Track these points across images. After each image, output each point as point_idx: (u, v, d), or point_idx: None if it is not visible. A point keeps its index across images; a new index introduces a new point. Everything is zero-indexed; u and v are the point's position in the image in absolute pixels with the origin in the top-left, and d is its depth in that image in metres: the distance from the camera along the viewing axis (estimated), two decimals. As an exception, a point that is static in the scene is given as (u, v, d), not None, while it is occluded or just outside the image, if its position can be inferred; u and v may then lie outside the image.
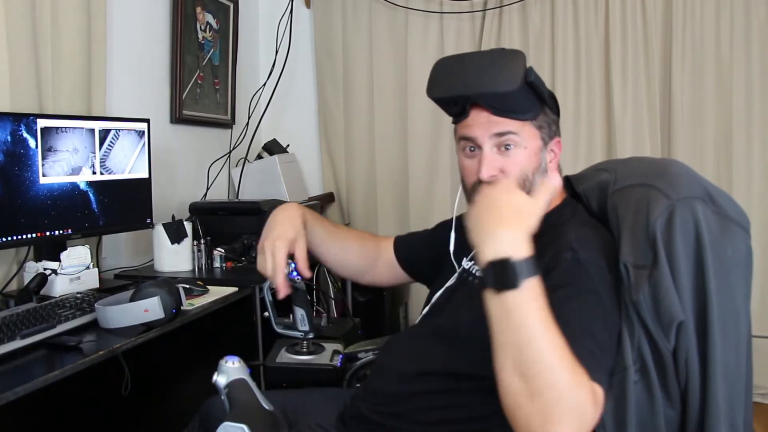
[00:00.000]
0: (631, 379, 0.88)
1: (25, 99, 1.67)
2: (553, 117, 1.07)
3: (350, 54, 2.91)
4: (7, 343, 1.17)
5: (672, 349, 0.87)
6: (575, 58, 2.65)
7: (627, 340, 0.89)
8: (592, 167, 1.18)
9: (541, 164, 1.05)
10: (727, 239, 0.88)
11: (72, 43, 1.82)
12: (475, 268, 1.14)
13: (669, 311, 0.86)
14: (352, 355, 1.44)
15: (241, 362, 1.00)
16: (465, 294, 1.11)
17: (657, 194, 0.91)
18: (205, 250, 2.03)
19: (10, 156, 1.52)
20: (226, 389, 0.97)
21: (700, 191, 0.91)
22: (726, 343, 0.86)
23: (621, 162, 1.15)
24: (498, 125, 1.02)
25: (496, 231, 0.79)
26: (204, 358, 1.82)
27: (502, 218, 0.80)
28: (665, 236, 0.87)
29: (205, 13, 2.55)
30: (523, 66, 0.98)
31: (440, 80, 1.07)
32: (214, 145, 2.67)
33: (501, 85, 0.99)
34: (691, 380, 0.87)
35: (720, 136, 2.56)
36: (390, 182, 2.89)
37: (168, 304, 1.33)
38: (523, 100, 1.01)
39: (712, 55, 2.54)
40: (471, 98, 1.04)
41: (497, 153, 1.04)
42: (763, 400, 2.58)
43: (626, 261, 0.91)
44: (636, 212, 0.93)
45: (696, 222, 0.87)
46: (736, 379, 0.88)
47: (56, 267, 1.57)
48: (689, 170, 0.98)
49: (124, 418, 1.73)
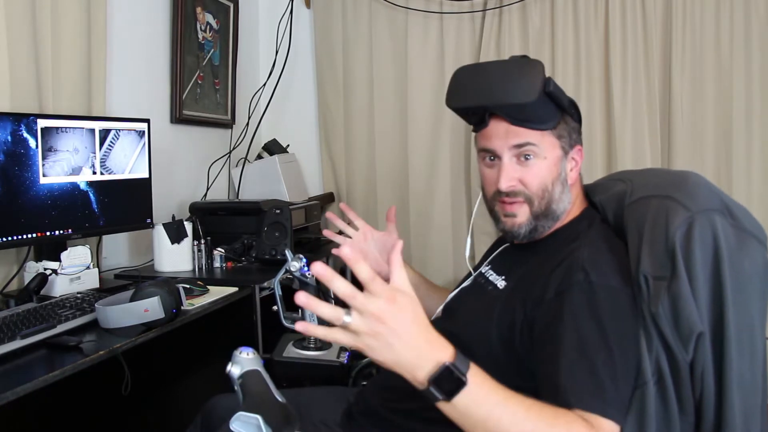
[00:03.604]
0: (650, 393, 0.88)
1: (25, 99, 1.67)
2: (573, 125, 1.08)
3: (350, 54, 2.91)
4: (7, 343, 1.17)
5: (690, 361, 0.87)
6: (575, 58, 2.65)
7: (645, 353, 0.89)
8: (607, 177, 1.18)
9: (561, 174, 1.05)
10: (744, 252, 0.88)
11: (72, 43, 1.82)
12: (489, 272, 1.14)
13: (688, 322, 0.86)
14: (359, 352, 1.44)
15: (255, 353, 1.00)
16: (475, 299, 1.11)
17: (676, 206, 0.91)
18: (205, 250, 2.03)
19: (11, 156, 1.52)
20: (240, 380, 0.96)
21: (718, 204, 0.91)
22: (741, 356, 0.86)
23: (637, 173, 1.14)
24: (517, 136, 1.02)
25: (414, 351, 0.74)
26: (204, 358, 1.83)
27: (409, 335, 0.73)
28: (684, 248, 0.87)
29: (205, 13, 2.55)
30: (542, 76, 0.99)
31: (459, 90, 1.08)
32: (214, 145, 2.67)
33: (519, 96, 0.99)
34: (706, 392, 0.87)
35: (720, 136, 2.56)
36: (390, 182, 2.89)
37: (168, 304, 1.34)
38: (542, 111, 1.01)
39: (712, 55, 2.54)
40: (489, 108, 1.04)
41: (516, 163, 1.04)
42: (763, 400, 2.58)
43: (645, 272, 0.90)
44: (654, 223, 0.93)
45: (715, 234, 0.87)
46: (751, 392, 0.87)
47: (56, 267, 1.57)
48: (707, 182, 0.98)
49: (124, 418, 1.73)
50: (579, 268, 0.94)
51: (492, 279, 1.11)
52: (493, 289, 1.08)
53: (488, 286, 1.11)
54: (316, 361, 1.56)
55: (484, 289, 1.11)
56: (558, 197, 1.05)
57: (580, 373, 0.86)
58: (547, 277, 0.97)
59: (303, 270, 1.15)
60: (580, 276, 0.93)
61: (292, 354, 1.59)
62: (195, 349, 1.84)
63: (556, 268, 0.97)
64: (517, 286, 1.03)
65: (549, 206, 1.05)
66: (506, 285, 1.06)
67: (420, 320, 0.75)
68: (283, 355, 1.59)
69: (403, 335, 0.72)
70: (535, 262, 1.04)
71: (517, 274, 1.06)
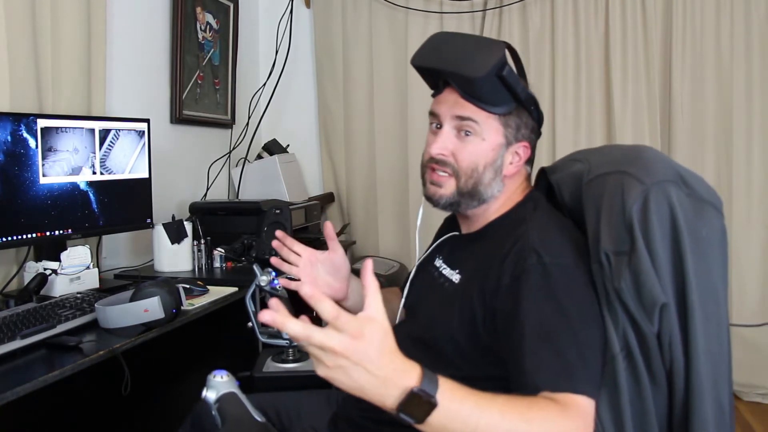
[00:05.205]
0: (620, 367, 0.89)
1: (25, 99, 1.67)
2: (527, 121, 1.06)
3: (350, 54, 2.91)
4: (7, 343, 1.17)
5: (656, 332, 0.88)
6: (575, 58, 2.65)
7: (611, 328, 0.90)
8: (565, 157, 1.17)
9: (496, 161, 1.05)
10: (701, 220, 0.89)
11: (72, 43, 1.82)
12: (442, 267, 1.14)
13: (651, 294, 0.86)
14: None
15: (229, 375, 1.00)
16: (433, 298, 1.10)
17: (630, 180, 0.92)
18: (205, 250, 2.03)
19: (10, 156, 1.52)
20: (216, 404, 0.96)
21: (672, 174, 0.92)
22: (707, 323, 0.87)
23: (594, 151, 1.14)
24: (462, 108, 1.04)
25: (379, 381, 0.72)
26: (204, 358, 1.83)
27: (373, 366, 0.71)
28: (641, 221, 0.88)
29: (205, 13, 2.55)
30: (498, 58, 0.98)
31: (423, 50, 1.11)
32: (214, 145, 2.67)
33: (469, 69, 1.00)
34: (675, 361, 0.88)
35: (720, 135, 2.57)
36: (390, 182, 2.89)
37: (168, 304, 1.33)
38: (491, 92, 1.01)
39: (712, 55, 2.54)
40: (442, 74, 1.06)
41: (455, 136, 1.05)
42: (763, 400, 2.58)
43: (606, 249, 0.91)
44: (611, 200, 0.93)
45: (670, 205, 0.88)
46: (719, 358, 0.89)
47: (56, 267, 1.57)
48: (661, 155, 0.99)
49: (124, 418, 1.73)
50: (531, 251, 0.94)
51: (446, 274, 1.11)
52: (449, 285, 1.08)
53: (443, 281, 1.10)
54: (297, 372, 1.58)
55: (441, 285, 1.10)
56: (487, 182, 1.05)
57: (544, 354, 0.86)
58: (500, 264, 0.97)
59: (273, 283, 1.15)
60: (533, 258, 0.93)
61: (271, 369, 1.60)
62: (195, 349, 1.84)
63: (507, 254, 0.97)
64: (471, 277, 1.03)
65: (476, 187, 1.05)
66: (461, 278, 1.06)
67: (386, 349, 0.73)
68: (263, 370, 1.60)
69: (367, 367, 0.71)
70: (486, 250, 1.04)
71: (469, 265, 1.06)
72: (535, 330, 0.88)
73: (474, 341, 0.97)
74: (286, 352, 1.60)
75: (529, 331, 0.89)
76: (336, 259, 1.20)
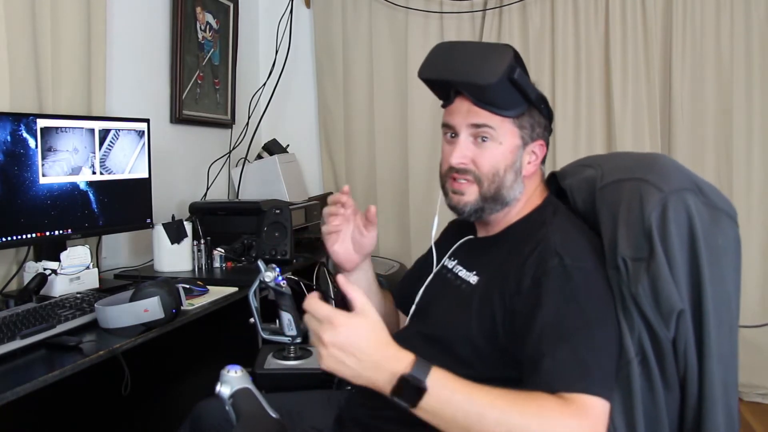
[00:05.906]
0: (635, 371, 0.90)
1: (25, 99, 1.67)
2: (539, 119, 1.07)
3: (350, 54, 2.91)
4: (7, 343, 1.17)
5: (672, 338, 0.89)
6: (575, 58, 2.65)
7: (627, 333, 0.91)
8: (575, 163, 1.18)
9: (515, 163, 1.06)
10: (717, 229, 0.91)
11: (72, 43, 1.82)
12: (457, 268, 1.14)
13: (668, 301, 0.88)
14: None
15: (243, 371, 0.99)
16: (449, 299, 1.10)
17: (649, 187, 0.93)
18: (205, 250, 2.03)
19: (10, 156, 1.52)
20: (230, 399, 0.95)
21: (689, 183, 0.93)
22: (720, 330, 0.88)
23: (605, 157, 1.15)
24: (476, 116, 1.04)
25: (372, 368, 0.83)
26: (204, 358, 1.83)
27: (363, 354, 0.83)
28: (660, 228, 0.89)
29: (205, 13, 2.55)
30: (508, 62, 0.99)
31: (430, 62, 1.11)
32: (214, 145, 2.67)
33: (480, 77, 1.00)
34: (689, 367, 0.89)
35: (720, 135, 2.57)
36: (390, 182, 2.89)
37: (168, 304, 1.33)
38: (504, 96, 1.02)
39: (712, 55, 2.54)
40: (454, 85, 1.06)
41: (472, 143, 1.06)
42: (763, 400, 2.58)
43: (624, 255, 0.92)
44: (629, 206, 0.94)
45: (688, 213, 0.89)
46: (730, 364, 0.90)
47: (56, 267, 1.57)
48: (675, 162, 1.00)
49: (124, 418, 1.73)
50: (553, 253, 0.95)
51: (462, 275, 1.11)
52: (466, 286, 1.08)
53: (460, 282, 1.10)
54: (298, 370, 1.57)
55: (456, 287, 1.10)
56: (509, 185, 1.06)
57: (561, 355, 0.87)
58: (521, 266, 0.97)
59: (277, 280, 1.15)
60: (555, 261, 0.94)
61: (273, 365, 1.60)
62: (195, 349, 1.84)
63: (528, 256, 0.97)
64: (491, 279, 1.03)
65: (499, 191, 1.06)
66: (479, 280, 1.06)
67: (375, 339, 0.83)
68: (264, 367, 1.59)
69: (357, 355, 0.82)
70: (505, 253, 1.04)
71: (488, 267, 1.06)
72: (554, 330, 0.89)
73: (492, 342, 0.98)
74: (287, 349, 1.60)
75: (549, 331, 0.89)
76: (368, 237, 1.20)
